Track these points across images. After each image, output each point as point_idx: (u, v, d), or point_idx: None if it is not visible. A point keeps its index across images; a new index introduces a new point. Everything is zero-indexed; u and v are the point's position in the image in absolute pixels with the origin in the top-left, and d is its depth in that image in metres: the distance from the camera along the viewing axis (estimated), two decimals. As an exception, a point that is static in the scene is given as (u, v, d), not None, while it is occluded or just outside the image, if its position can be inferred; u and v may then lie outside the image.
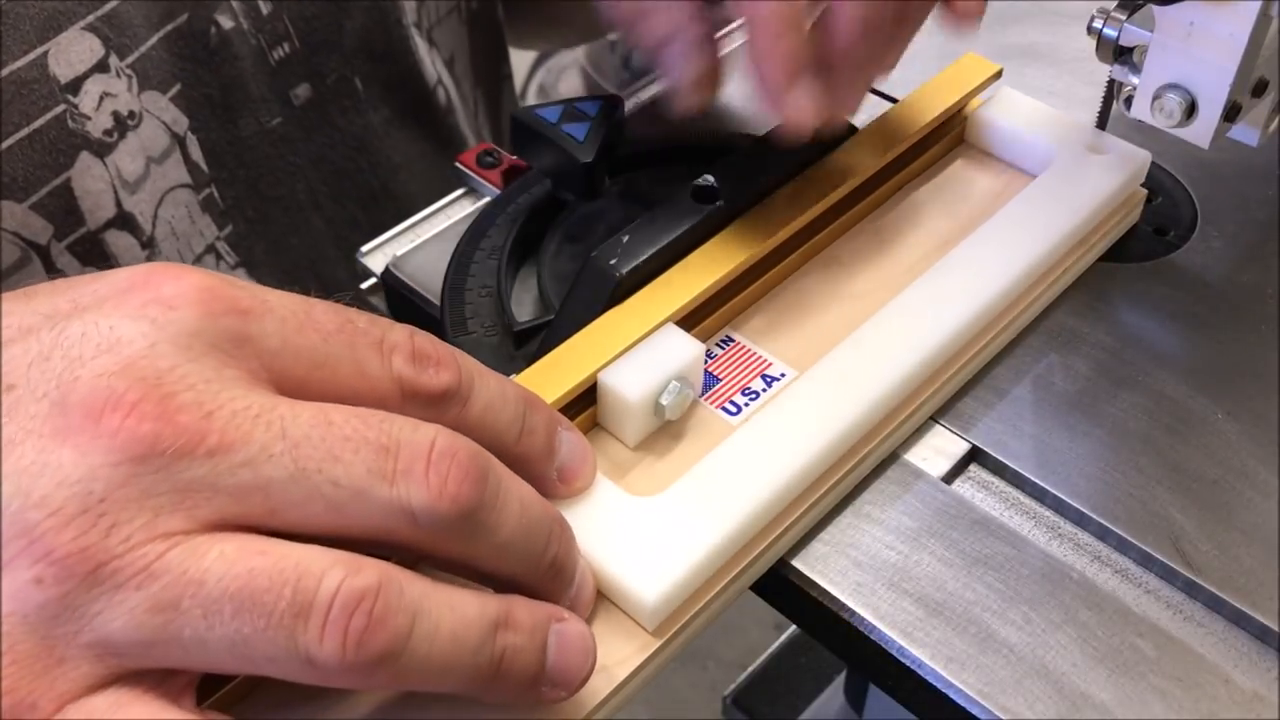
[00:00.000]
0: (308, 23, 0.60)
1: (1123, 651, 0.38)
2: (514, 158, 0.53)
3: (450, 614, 0.30)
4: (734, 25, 0.48)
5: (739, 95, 0.60)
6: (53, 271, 0.53)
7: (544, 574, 0.33)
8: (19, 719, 0.27)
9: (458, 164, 0.55)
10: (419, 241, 0.53)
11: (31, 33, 0.50)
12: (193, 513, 0.28)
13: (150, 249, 0.56)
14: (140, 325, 0.30)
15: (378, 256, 0.53)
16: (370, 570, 0.29)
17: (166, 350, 0.29)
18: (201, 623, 0.28)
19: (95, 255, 0.54)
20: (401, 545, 0.30)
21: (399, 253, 0.52)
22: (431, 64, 0.67)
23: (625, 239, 0.44)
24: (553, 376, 0.40)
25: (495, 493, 0.31)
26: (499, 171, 0.54)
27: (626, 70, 1.72)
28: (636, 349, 0.42)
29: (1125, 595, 0.40)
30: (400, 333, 0.33)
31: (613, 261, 0.43)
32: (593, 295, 0.43)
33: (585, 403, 0.41)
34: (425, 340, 0.33)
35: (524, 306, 0.48)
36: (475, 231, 0.50)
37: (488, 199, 0.53)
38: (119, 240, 0.55)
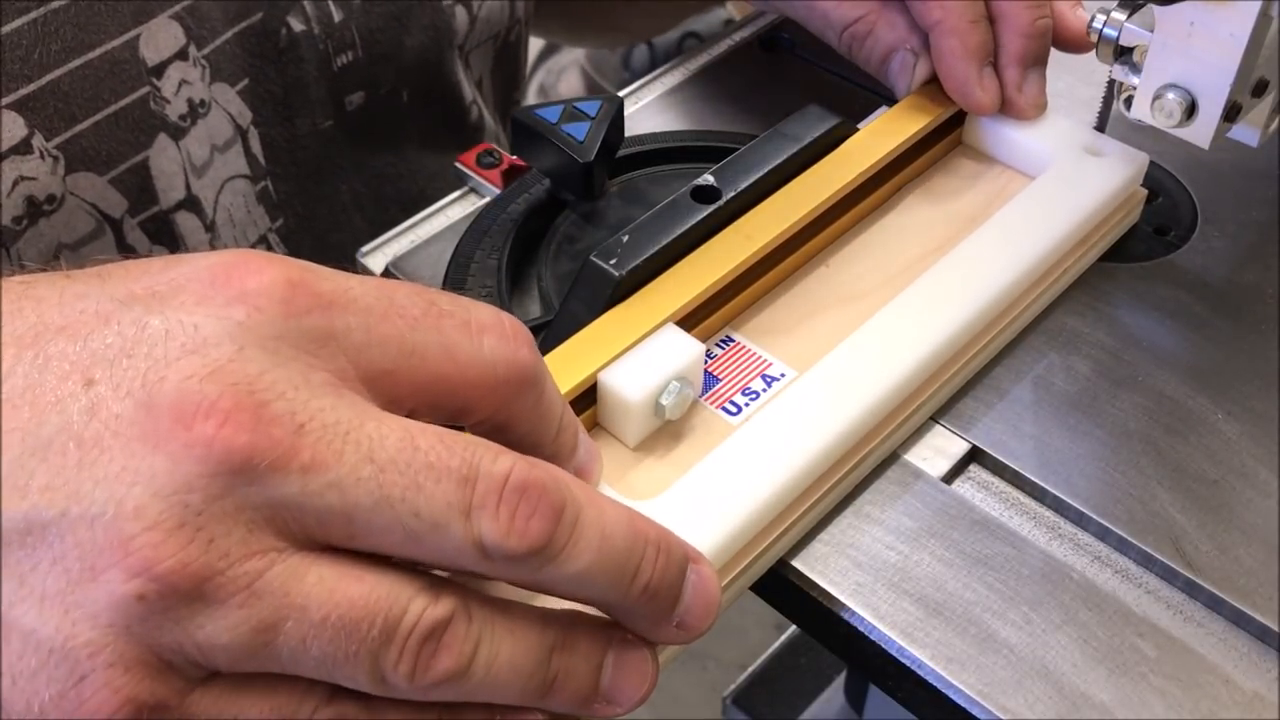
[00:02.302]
0: (372, 34, 0.62)
1: (1123, 651, 0.38)
2: (514, 158, 0.53)
3: (510, 639, 0.30)
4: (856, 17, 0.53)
5: (738, 98, 0.60)
6: (123, 246, 0.55)
7: (635, 601, 0.32)
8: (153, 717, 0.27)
9: (458, 164, 0.55)
10: (419, 241, 0.53)
11: (128, 15, 0.52)
12: (282, 530, 0.28)
13: (212, 233, 0.58)
14: (225, 325, 0.29)
15: (378, 256, 0.53)
16: (446, 599, 0.29)
17: (254, 355, 0.29)
18: (300, 645, 0.28)
19: (164, 234, 0.56)
20: (472, 574, 0.30)
21: (399, 253, 0.52)
22: (468, 84, 0.69)
23: (625, 239, 0.44)
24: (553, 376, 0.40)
25: (570, 527, 0.30)
26: (499, 171, 0.54)
27: (626, 70, 1.72)
28: (636, 349, 0.42)
29: (1125, 595, 0.40)
30: (487, 313, 0.33)
31: (613, 261, 0.43)
32: (593, 295, 0.43)
33: (585, 403, 0.41)
34: (510, 319, 0.33)
35: (524, 306, 0.48)
36: (475, 231, 0.50)
37: (488, 199, 0.53)
38: (187, 221, 0.57)
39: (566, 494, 0.30)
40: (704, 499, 0.38)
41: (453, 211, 0.54)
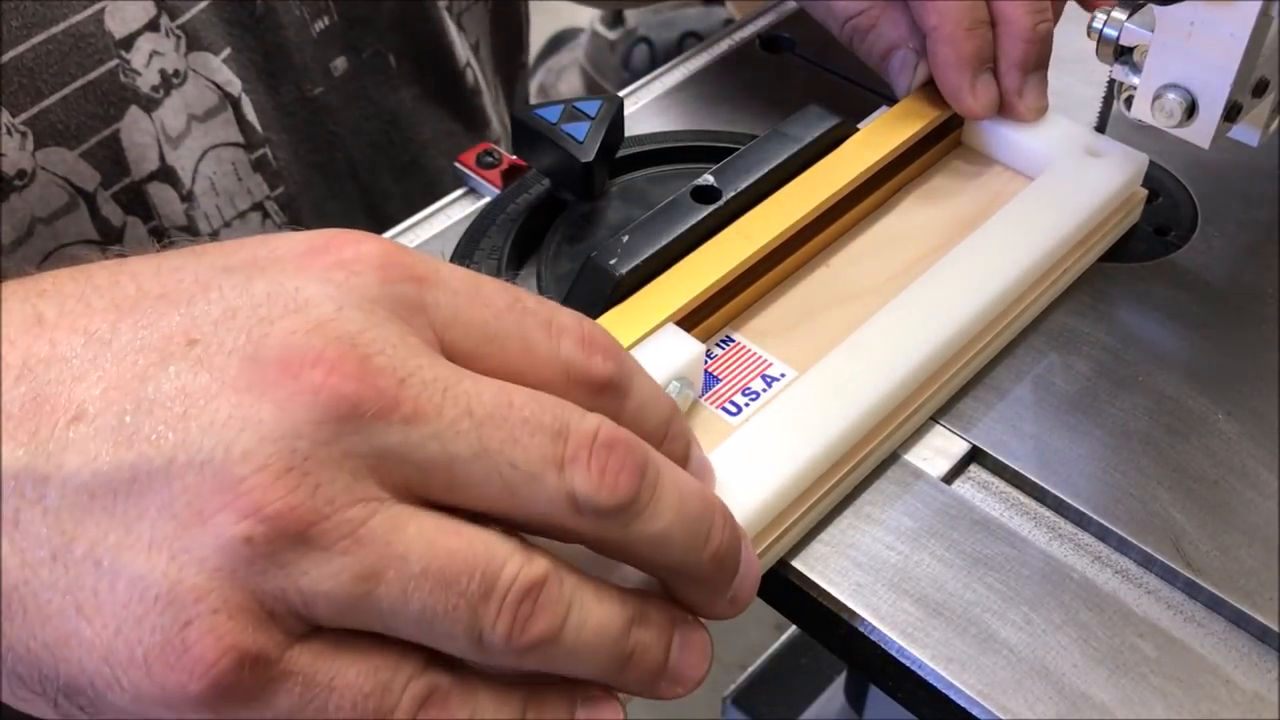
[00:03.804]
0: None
1: (1123, 652, 0.38)
2: (514, 158, 0.53)
3: (597, 607, 0.31)
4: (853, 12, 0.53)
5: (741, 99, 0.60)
6: (97, 218, 0.55)
7: (706, 566, 0.33)
8: (253, 670, 0.27)
9: (457, 164, 0.55)
10: (419, 242, 0.53)
11: None
12: (385, 479, 0.29)
13: (189, 202, 0.58)
14: (326, 288, 0.30)
15: (378, 256, 0.52)
16: (540, 560, 0.30)
17: (353, 315, 0.29)
18: (400, 596, 0.28)
19: (138, 205, 0.56)
20: (563, 530, 0.31)
21: (399, 253, 0.52)
22: (462, 46, 0.69)
23: (625, 239, 0.44)
24: (553, 377, 0.40)
25: (653, 485, 0.31)
26: (499, 171, 0.54)
27: (626, 70, 1.72)
28: (636, 349, 0.42)
29: (1125, 596, 0.40)
30: (569, 317, 0.33)
31: (613, 261, 0.43)
32: (593, 295, 0.43)
33: (585, 403, 0.41)
34: (593, 327, 0.34)
35: (524, 306, 0.48)
36: (475, 231, 0.50)
37: (488, 199, 0.53)
38: (160, 192, 0.57)
39: (648, 454, 0.31)
40: (704, 499, 0.38)
41: (453, 211, 0.54)
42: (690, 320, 0.44)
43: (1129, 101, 0.48)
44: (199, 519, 0.27)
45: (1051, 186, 0.49)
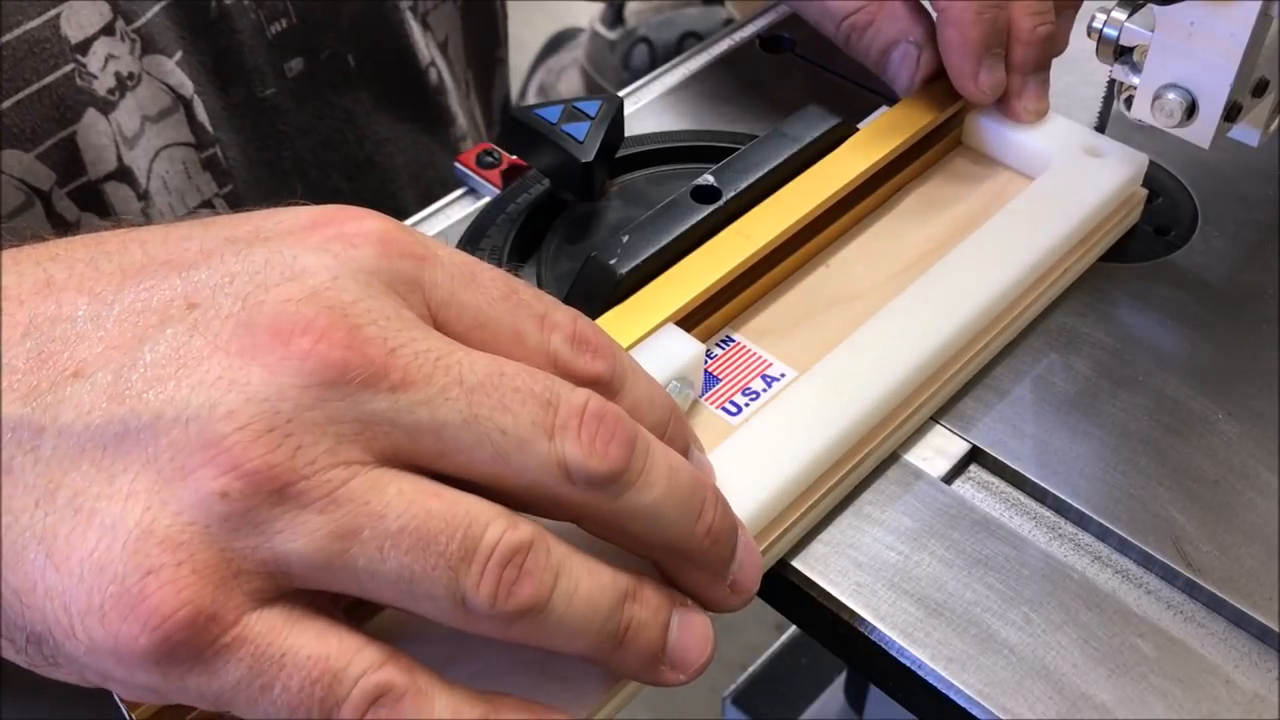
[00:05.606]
0: (306, 2, 0.61)
1: (1123, 652, 0.38)
2: (514, 158, 0.53)
3: (588, 578, 0.31)
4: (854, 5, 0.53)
5: (742, 99, 0.60)
6: (52, 215, 0.55)
7: (700, 543, 0.33)
8: (205, 629, 0.28)
9: (457, 164, 0.55)
10: (419, 241, 0.53)
11: None
12: (371, 444, 0.29)
13: (145, 201, 0.58)
14: (323, 258, 0.30)
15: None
16: (526, 526, 0.30)
17: (348, 284, 0.30)
18: (377, 554, 0.28)
19: (94, 203, 0.56)
20: (555, 500, 0.31)
21: (399, 253, 0.52)
22: (425, 46, 0.69)
23: (625, 239, 0.44)
24: (553, 377, 0.40)
25: (644, 456, 0.31)
26: (499, 171, 0.54)
27: (626, 70, 1.72)
28: (636, 349, 0.42)
29: (1126, 596, 0.40)
30: (564, 313, 0.34)
31: (613, 261, 0.43)
32: (593, 295, 0.43)
33: (585, 403, 0.41)
34: (587, 326, 0.34)
35: (524, 306, 0.48)
36: (475, 231, 0.50)
37: (488, 199, 0.53)
38: (117, 191, 0.57)
39: (637, 428, 0.32)
40: (704, 499, 0.38)
41: (452, 211, 0.54)
42: (690, 320, 0.44)
43: (1129, 101, 0.48)
44: (180, 474, 0.28)
45: (1052, 186, 0.49)
